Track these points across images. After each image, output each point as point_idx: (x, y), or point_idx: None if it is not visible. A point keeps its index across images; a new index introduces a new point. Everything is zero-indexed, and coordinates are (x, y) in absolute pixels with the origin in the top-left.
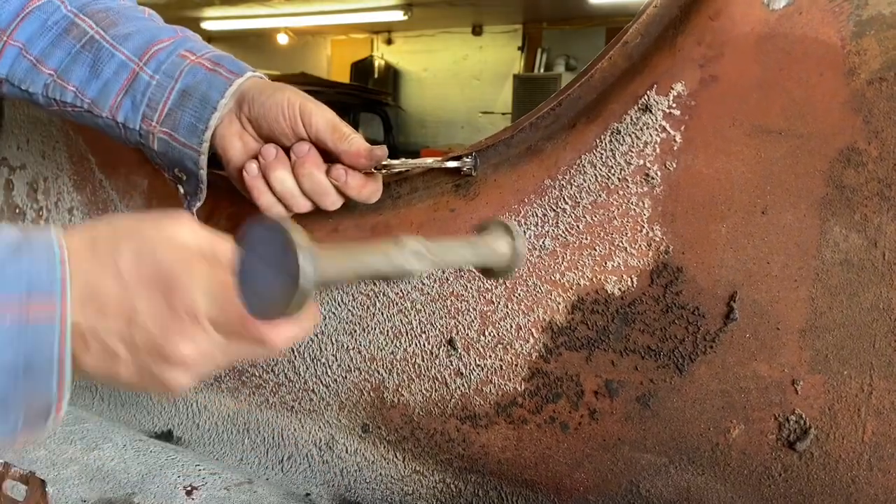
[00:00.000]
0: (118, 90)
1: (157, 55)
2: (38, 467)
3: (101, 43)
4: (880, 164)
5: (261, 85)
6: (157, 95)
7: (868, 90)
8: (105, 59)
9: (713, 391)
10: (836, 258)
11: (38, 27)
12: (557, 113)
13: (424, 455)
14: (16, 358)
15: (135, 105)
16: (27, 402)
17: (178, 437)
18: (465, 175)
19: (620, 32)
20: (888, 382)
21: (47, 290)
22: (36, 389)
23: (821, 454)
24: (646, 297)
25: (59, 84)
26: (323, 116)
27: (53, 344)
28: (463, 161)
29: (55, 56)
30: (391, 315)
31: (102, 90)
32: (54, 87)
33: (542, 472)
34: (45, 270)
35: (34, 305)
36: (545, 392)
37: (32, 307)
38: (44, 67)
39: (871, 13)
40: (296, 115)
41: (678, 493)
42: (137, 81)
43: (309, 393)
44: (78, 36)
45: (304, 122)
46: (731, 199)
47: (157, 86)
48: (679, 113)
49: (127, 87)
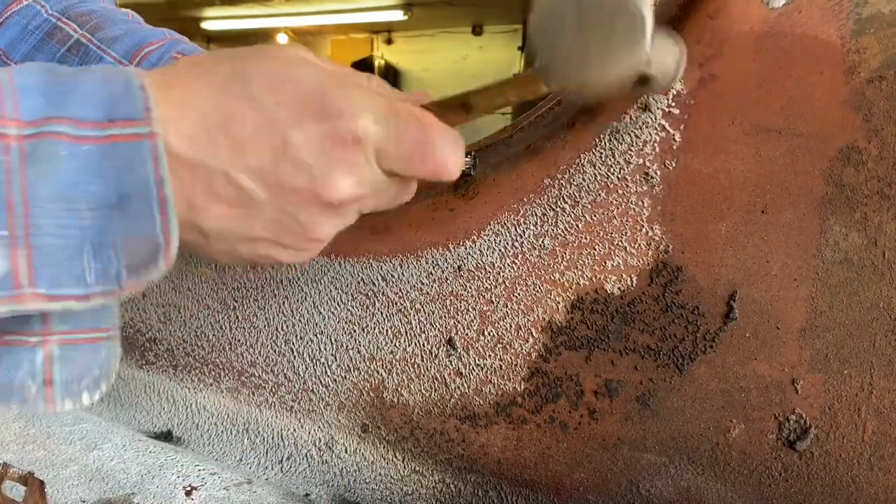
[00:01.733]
0: None
1: (148, 57)
2: (37, 468)
3: (88, 46)
4: (880, 163)
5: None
6: None
7: (868, 88)
8: (93, 62)
9: (713, 391)
10: (836, 257)
11: (18, 32)
12: (557, 112)
13: (424, 455)
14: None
15: None
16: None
17: (178, 438)
18: (464, 175)
19: None
20: (888, 381)
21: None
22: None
23: (821, 454)
24: (645, 297)
25: None
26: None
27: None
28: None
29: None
30: (390, 315)
31: None
32: None
33: (541, 471)
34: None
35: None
36: (545, 392)
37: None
38: None
39: (871, 11)
40: None
41: (678, 493)
42: None
43: (308, 393)
44: (62, 40)
45: None
46: (731, 198)
47: None
48: (678, 112)
49: None
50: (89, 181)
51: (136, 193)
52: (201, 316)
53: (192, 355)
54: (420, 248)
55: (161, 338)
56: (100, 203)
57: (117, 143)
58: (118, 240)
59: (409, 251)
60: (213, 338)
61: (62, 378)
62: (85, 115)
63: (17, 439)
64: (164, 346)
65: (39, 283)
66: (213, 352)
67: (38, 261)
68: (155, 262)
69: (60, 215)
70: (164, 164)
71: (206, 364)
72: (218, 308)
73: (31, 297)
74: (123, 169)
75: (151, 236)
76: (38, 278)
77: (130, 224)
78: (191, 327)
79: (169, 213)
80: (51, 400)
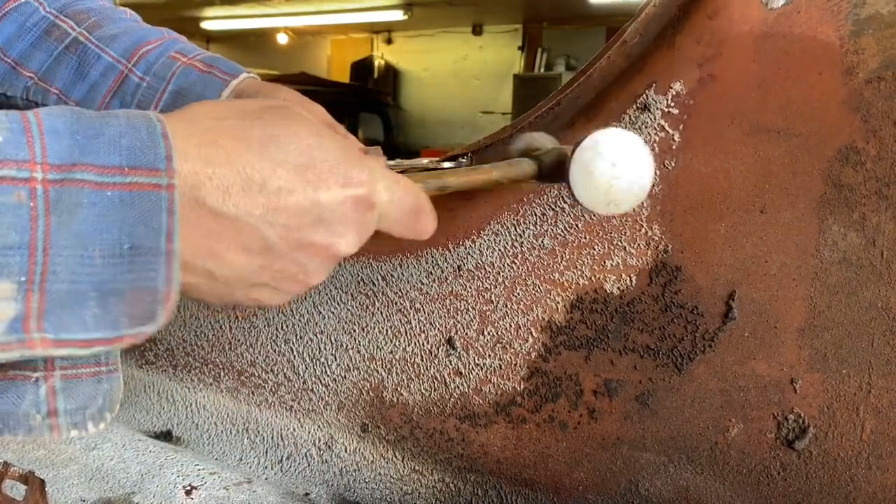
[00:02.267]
0: (106, 92)
1: (147, 56)
2: (38, 467)
3: (86, 45)
4: (878, 163)
5: (256, 85)
6: (147, 97)
7: (866, 89)
8: (91, 60)
9: (712, 390)
10: (834, 257)
11: (15, 29)
12: (556, 112)
13: (423, 454)
14: (119, 236)
15: (124, 106)
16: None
17: (178, 437)
18: None
19: (619, 31)
20: (886, 381)
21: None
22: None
23: (819, 453)
24: (645, 297)
25: (41, 87)
26: (318, 117)
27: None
28: (458, 161)
29: (36, 58)
30: (390, 314)
31: (89, 92)
32: (36, 90)
33: (541, 471)
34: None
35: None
36: (544, 391)
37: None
38: (24, 70)
39: (870, 12)
40: None
41: (677, 492)
42: (126, 83)
43: (308, 392)
44: (60, 37)
45: None
46: (730, 198)
47: (148, 88)
48: (677, 112)
49: (115, 88)
50: (105, 229)
51: (146, 245)
52: (201, 316)
53: (192, 355)
54: (420, 247)
55: (161, 337)
56: (112, 251)
57: (136, 191)
58: (124, 289)
59: (409, 251)
60: (212, 337)
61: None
62: (109, 161)
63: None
64: (163, 346)
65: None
66: (213, 351)
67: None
68: (154, 314)
69: (75, 262)
70: (178, 218)
71: (205, 364)
72: (218, 308)
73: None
74: (138, 219)
75: (154, 288)
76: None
77: (137, 274)
78: (191, 327)
79: (174, 267)
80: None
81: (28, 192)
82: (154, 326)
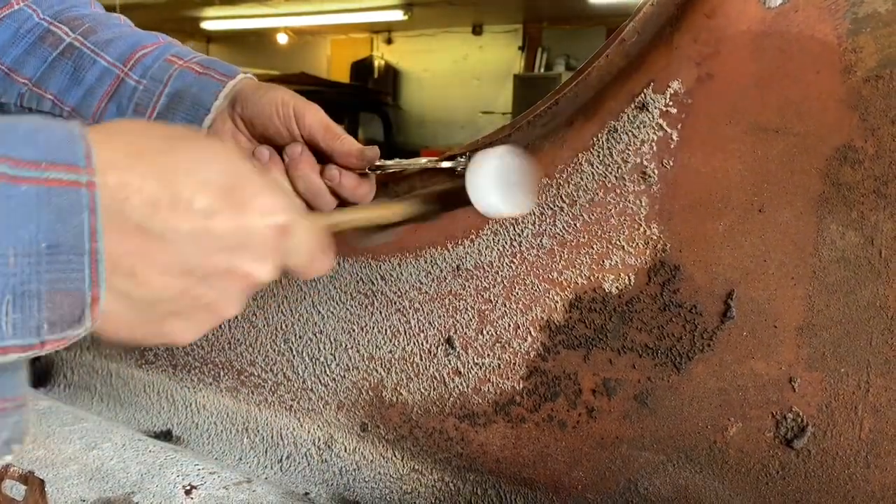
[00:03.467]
0: (102, 96)
1: (143, 60)
2: (38, 467)
3: (81, 50)
4: (877, 162)
5: (253, 85)
6: (144, 100)
7: (864, 88)
8: (86, 65)
9: (711, 389)
10: (832, 256)
11: (9, 36)
12: (555, 111)
13: (423, 454)
14: (36, 234)
15: (120, 110)
16: (53, 295)
17: (177, 437)
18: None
19: (617, 30)
20: (885, 379)
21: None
22: (63, 278)
23: (818, 451)
24: (643, 296)
25: (36, 93)
26: (315, 116)
27: (82, 217)
28: (457, 161)
29: (30, 64)
30: (389, 314)
31: (84, 97)
32: (30, 97)
33: (540, 470)
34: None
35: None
36: (543, 390)
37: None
38: (18, 77)
39: (868, 11)
40: (290, 114)
41: (676, 491)
42: (123, 87)
43: (308, 392)
44: (54, 43)
45: (298, 121)
46: (728, 197)
47: (145, 91)
48: (676, 111)
49: (112, 92)
50: (20, 225)
51: (67, 243)
52: None
53: (192, 354)
54: (419, 247)
55: None
56: (28, 250)
57: (54, 187)
58: (42, 291)
59: (408, 250)
60: (212, 337)
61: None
62: (24, 155)
63: None
64: (163, 346)
65: None
66: (213, 351)
67: None
68: (80, 319)
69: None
70: (100, 217)
71: (205, 363)
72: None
73: None
74: (57, 216)
75: (79, 291)
76: None
77: (57, 275)
78: None
79: (99, 268)
80: None
81: None
82: (81, 330)
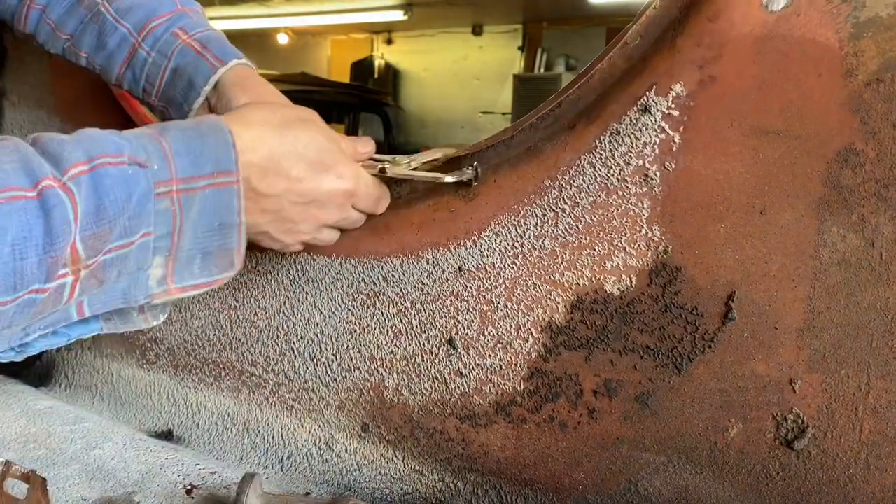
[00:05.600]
0: (121, 62)
1: (154, 31)
2: (39, 466)
3: (105, 15)
4: (877, 165)
5: (241, 76)
6: (153, 73)
7: (865, 91)
8: (109, 31)
9: (711, 390)
10: (833, 258)
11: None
12: (557, 114)
13: (424, 454)
14: (213, 218)
15: (135, 79)
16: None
17: (178, 437)
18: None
19: (620, 34)
20: (885, 381)
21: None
22: (225, 242)
23: (818, 453)
24: (645, 297)
25: (73, 50)
26: None
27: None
28: (462, 172)
29: (69, 24)
30: (391, 315)
31: (108, 60)
32: (70, 52)
33: (541, 470)
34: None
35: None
36: (544, 391)
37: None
38: (61, 33)
39: (869, 15)
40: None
41: (676, 492)
42: (136, 57)
43: (309, 392)
44: (89, 6)
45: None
46: (730, 200)
47: (153, 64)
48: (678, 114)
49: (128, 61)
50: (206, 215)
51: (228, 221)
52: (202, 316)
53: (193, 355)
54: (421, 248)
55: (162, 337)
56: (208, 228)
57: (220, 188)
58: (215, 251)
59: (410, 251)
60: (213, 337)
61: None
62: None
63: (18, 438)
64: (164, 346)
65: (176, 280)
66: (214, 351)
67: (176, 267)
68: (232, 265)
69: (189, 238)
70: (243, 202)
71: (206, 363)
72: (219, 308)
73: (174, 290)
74: (223, 206)
75: (232, 248)
76: (176, 277)
77: (223, 241)
78: (192, 327)
79: (242, 233)
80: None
81: (170, 200)
82: (233, 271)
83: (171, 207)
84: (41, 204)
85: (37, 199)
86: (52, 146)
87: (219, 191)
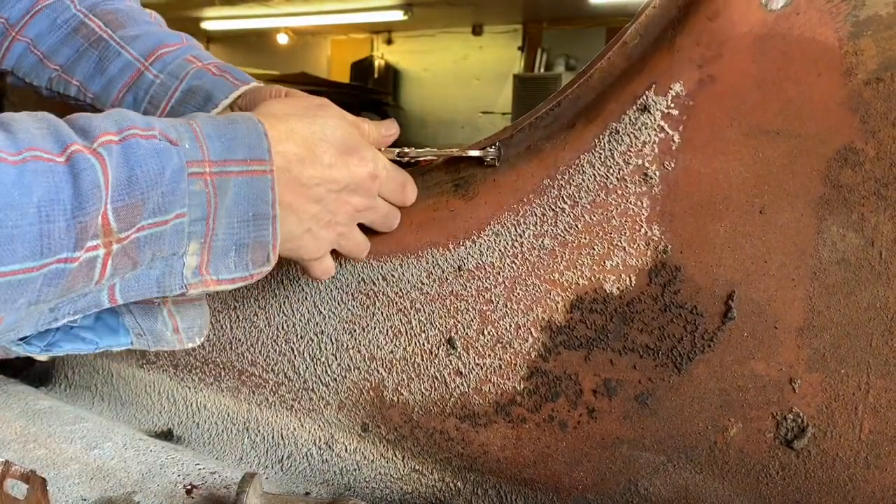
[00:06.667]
0: (121, 86)
1: (164, 57)
2: (39, 466)
3: (108, 42)
4: (877, 164)
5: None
6: (159, 93)
7: (865, 90)
8: (111, 57)
9: (711, 390)
10: (833, 257)
11: (47, 25)
12: (556, 113)
13: (423, 454)
14: (247, 208)
15: (136, 101)
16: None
17: (178, 437)
18: (465, 178)
19: (619, 33)
20: (885, 381)
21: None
22: (260, 234)
23: (818, 452)
24: (644, 297)
25: (64, 78)
26: None
27: (269, 194)
28: (486, 151)
29: (62, 53)
30: (391, 314)
31: (106, 86)
32: (59, 81)
33: (540, 470)
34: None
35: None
36: (544, 391)
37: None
38: (50, 63)
39: (869, 14)
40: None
41: (676, 492)
42: (141, 80)
43: (308, 392)
44: (87, 35)
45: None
46: (729, 199)
47: (161, 84)
48: (677, 113)
49: (131, 84)
50: (240, 203)
51: (262, 212)
52: None
53: (193, 354)
54: (420, 248)
55: None
56: (243, 218)
57: (254, 176)
58: (250, 244)
59: (410, 251)
60: (213, 337)
61: (183, 326)
62: (240, 156)
63: (18, 438)
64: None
65: (211, 271)
66: (214, 351)
67: (211, 257)
68: (268, 259)
69: (224, 227)
70: (277, 192)
71: (206, 363)
72: (218, 307)
73: (211, 281)
74: (257, 195)
75: (267, 241)
76: (211, 268)
77: (258, 233)
78: None
79: (277, 225)
80: (181, 342)
81: (204, 182)
82: (269, 267)
83: (206, 190)
84: (70, 168)
85: (65, 164)
86: (81, 120)
87: (253, 179)
